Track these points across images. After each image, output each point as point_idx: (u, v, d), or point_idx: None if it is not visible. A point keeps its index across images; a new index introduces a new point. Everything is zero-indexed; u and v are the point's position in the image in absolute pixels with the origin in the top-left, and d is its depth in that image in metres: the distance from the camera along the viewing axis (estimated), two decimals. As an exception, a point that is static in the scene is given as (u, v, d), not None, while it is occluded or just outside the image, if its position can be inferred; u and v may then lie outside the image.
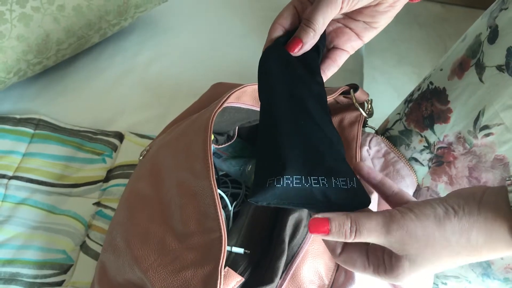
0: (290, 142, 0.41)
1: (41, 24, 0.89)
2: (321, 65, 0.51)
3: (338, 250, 0.43)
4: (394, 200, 0.44)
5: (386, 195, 0.45)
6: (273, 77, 0.46)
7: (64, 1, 0.91)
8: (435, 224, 0.37)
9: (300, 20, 0.48)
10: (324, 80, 0.51)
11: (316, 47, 0.48)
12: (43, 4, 0.89)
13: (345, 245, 0.43)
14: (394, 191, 0.45)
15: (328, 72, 0.52)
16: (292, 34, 0.48)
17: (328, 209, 0.41)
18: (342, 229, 0.39)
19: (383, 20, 0.50)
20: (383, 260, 0.40)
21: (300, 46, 0.47)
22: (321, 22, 0.45)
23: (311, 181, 0.40)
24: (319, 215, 0.40)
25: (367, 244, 0.42)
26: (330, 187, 0.40)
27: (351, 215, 0.39)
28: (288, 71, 0.47)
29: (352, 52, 0.52)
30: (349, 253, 0.42)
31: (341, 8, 0.45)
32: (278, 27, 0.48)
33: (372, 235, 0.38)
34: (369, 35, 0.51)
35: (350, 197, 0.41)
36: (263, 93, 0.46)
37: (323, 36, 0.50)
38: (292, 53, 0.47)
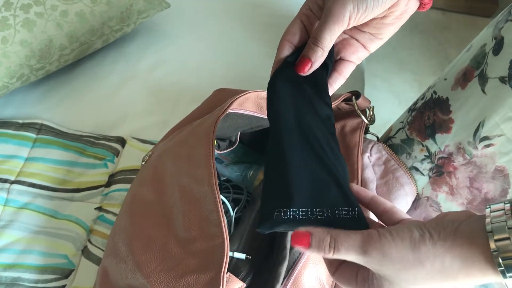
0: (297, 175, 0.43)
1: (44, 29, 0.89)
2: (328, 79, 0.51)
3: (333, 269, 0.44)
4: (387, 218, 0.45)
5: (378, 213, 0.45)
6: (281, 103, 0.46)
7: (67, 7, 0.92)
8: (410, 247, 0.37)
9: (308, 35, 0.48)
10: (331, 93, 0.51)
11: (324, 64, 0.48)
12: (47, 9, 0.90)
13: (339, 265, 0.44)
14: (386, 208, 0.45)
15: (335, 85, 0.52)
16: (301, 50, 0.48)
17: None
18: (321, 244, 0.40)
19: (389, 31, 0.50)
20: (367, 279, 0.41)
21: (309, 66, 0.47)
22: (329, 40, 0.45)
23: (316, 213, 0.41)
24: (302, 229, 0.41)
25: (359, 265, 0.42)
26: (334, 218, 0.42)
27: (331, 232, 0.40)
28: (297, 95, 0.47)
29: (358, 62, 0.52)
30: (342, 272, 0.43)
31: (348, 24, 0.45)
32: (287, 44, 0.48)
33: (350, 253, 0.39)
34: (375, 46, 0.51)
35: (351, 225, 0.43)
36: (272, 119, 0.46)
37: (331, 51, 0.50)
38: (301, 74, 0.47)
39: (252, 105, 0.62)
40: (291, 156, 0.44)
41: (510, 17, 0.55)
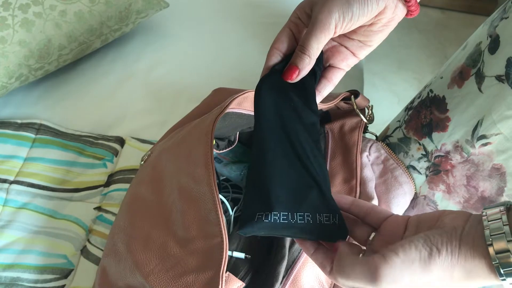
0: (279, 179, 0.43)
1: (43, 29, 0.89)
2: (317, 86, 0.51)
3: (328, 268, 0.44)
4: (371, 219, 0.45)
5: (362, 216, 0.46)
6: (267, 110, 0.47)
7: (66, 7, 0.92)
8: (421, 269, 0.37)
9: (297, 43, 0.49)
10: (320, 100, 0.52)
11: (312, 71, 0.49)
12: (45, 9, 0.90)
13: (333, 262, 0.44)
14: (368, 209, 0.45)
15: (324, 92, 0.52)
16: (289, 58, 0.48)
17: (310, 239, 0.45)
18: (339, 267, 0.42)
19: (378, 38, 0.50)
20: None
21: (297, 73, 0.47)
22: (316, 48, 0.46)
23: (296, 218, 0.42)
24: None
25: None
26: (314, 223, 0.43)
27: (340, 259, 0.42)
28: (283, 103, 0.48)
29: (348, 69, 0.53)
30: None
31: (335, 32, 0.46)
32: (275, 52, 0.49)
33: (360, 281, 0.40)
34: (364, 53, 0.52)
35: (331, 231, 0.44)
36: (257, 125, 0.47)
37: (320, 59, 0.50)
38: (289, 81, 0.48)
39: (251, 104, 0.62)
40: (274, 160, 0.44)
41: (505, 15, 0.55)
